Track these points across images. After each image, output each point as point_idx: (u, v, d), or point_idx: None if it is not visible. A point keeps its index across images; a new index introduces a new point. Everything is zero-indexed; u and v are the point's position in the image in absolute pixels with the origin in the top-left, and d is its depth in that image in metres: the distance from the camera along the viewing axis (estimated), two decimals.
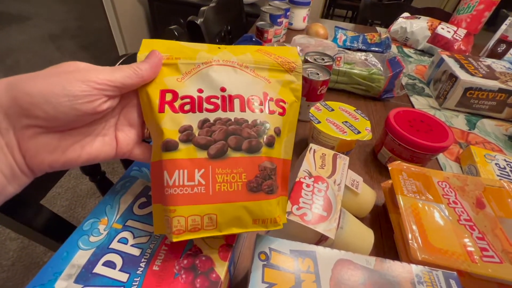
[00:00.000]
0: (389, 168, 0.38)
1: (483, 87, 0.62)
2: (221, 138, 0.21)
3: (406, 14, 1.08)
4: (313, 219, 0.27)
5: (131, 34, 1.83)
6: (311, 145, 0.37)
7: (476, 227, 0.31)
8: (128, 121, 0.23)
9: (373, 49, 0.88)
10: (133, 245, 0.22)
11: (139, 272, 0.21)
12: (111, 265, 0.21)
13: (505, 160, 0.47)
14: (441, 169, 0.51)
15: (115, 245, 0.22)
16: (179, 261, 0.22)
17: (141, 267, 0.21)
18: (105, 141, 0.22)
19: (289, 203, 0.28)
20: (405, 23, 1.00)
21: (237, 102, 0.22)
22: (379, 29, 1.17)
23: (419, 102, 0.70)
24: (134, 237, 0.23)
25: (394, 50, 0.97)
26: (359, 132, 0.44)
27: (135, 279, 0.20)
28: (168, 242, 0.23)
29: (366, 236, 0.32)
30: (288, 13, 0.93)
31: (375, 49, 0.88)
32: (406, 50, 0.98)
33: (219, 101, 0.22)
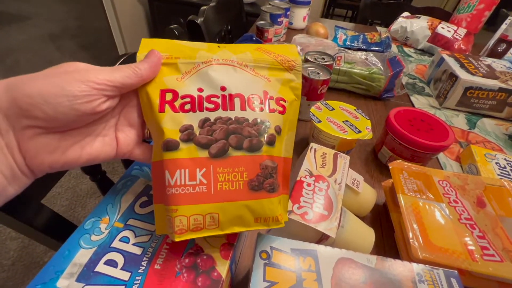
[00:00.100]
0: (390, 167, 0.38)
1: (483, 86, 0.62)
2: (222, 137, 0.21)
3: (406, 13, 1.09)
4: (314, 218, 0.27)
5: (131, 34, 1.83)
6: (312, 144, 0.37)
7: (476, 226, 0.31)
8: (128, 121, 0.23)
9: (373, 48, 0.88)
10: (134, 244, 0.22)
11: (140, 270, 0.21)
12: (112, 263, 0.21)
13: (505, 159, 0.47)
14: (441, 168, 0.51)
15: (116, 244, 0.22)
16: (181, 260, 0.22)
17: (142, 265, 0.21)
18: (105, 142, 0.22)
19: (290, 202, 0.28)
20: (405, 22, 1.00)
21: (237, 101, 0.22)
22: (379, 29, 1.16)
23: (419, 101, 0.70)
24: (135, 236, 0.23)
25: (394, 49, 0.97)
26: (359, 131, 0.44)
27: (137, 278, 0.20)
28: (169, 241, 0.23)
29: (367, 235, 0.32)
30: (288, 13, 0.93)
31: (375, 48, 0.88)
32: (406, 49, 0.98)
33: (219, 100, 0.22)
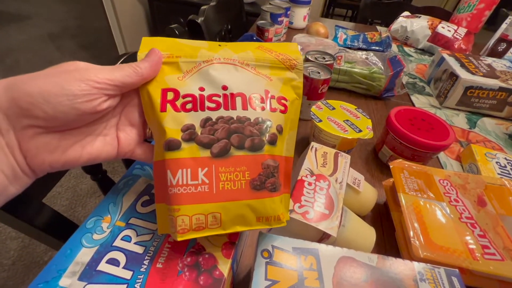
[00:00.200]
0: (391, 166, 0.38)
1: (484, 86, 0.62)
2: (224, 136, 0.21)
3: (406, 13, 1.08)
4: (315, 217, 0.27)
5: (131, 33, 1.83)
6: (313, 143, 0.37)
7: (477, 225, 0.32)
8: (129, 121, 0.23)
9: (373, 48, 0.88)
10: (136, 243, 0.22)
11: (142, 269, 0.21)
12: (114, 262, 0.21)
13: (505, 158, 0.47)
14: (442, 167, 0.51)
15: (118, 242, 0.22)
16: (183, 259, 0.22)
17: (144, 264, 0.21)
18: (106, 141, 0.22)
19: (291, 201, 0.28)
20: (405, 22, 1.00)
21: (239, 100, 0.22)
22: (379, 28, 1.17)
23: (419, 101, 0.70)
24: (137, 235, 0.23)
25: (394, 49, 0.97)
26: (360, 130, 0.44)
27: (139, 277, 0.20)
28: (171, 240, 0.23)
29: (368, 234, 0.32)
30: (288, 12, 0.93)
31: (376, 48, 0.88)
32: (406, 49, 0.98)
33: (221, 100, 0.22)
